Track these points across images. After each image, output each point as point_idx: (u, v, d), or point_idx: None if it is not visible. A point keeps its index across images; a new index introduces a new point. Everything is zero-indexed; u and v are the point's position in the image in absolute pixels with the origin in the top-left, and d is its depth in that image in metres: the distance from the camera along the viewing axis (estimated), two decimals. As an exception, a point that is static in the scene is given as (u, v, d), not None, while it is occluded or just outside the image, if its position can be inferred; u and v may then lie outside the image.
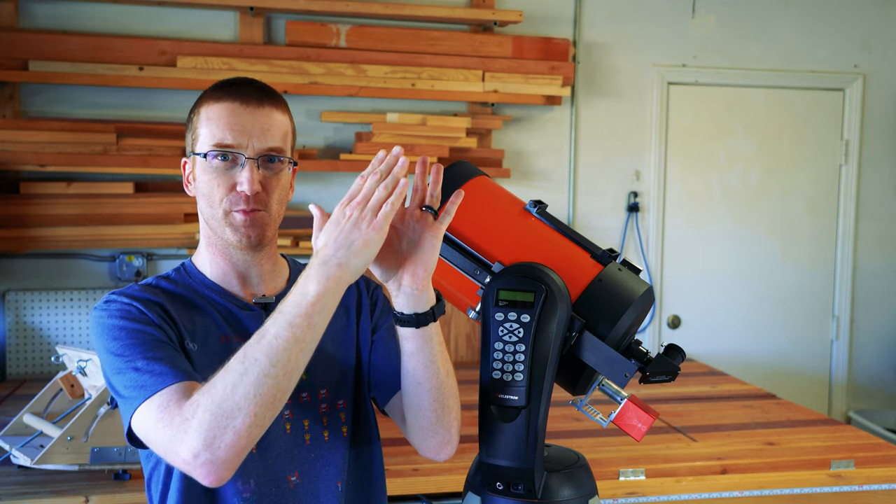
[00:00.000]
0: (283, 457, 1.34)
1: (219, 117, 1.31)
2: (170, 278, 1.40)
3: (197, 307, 1.35)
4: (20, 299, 3.47)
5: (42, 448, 2.15)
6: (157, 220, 3.47)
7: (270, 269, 1.42)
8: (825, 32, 4.20)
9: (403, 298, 1.24)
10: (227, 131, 1.30)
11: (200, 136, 1.33)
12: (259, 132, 1.31)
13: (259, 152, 1.31)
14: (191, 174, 1.38)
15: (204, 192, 1.33)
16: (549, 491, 1.28)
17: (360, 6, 3.57)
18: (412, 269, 1.23)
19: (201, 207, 1.36)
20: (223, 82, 1.36)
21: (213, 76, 3.44)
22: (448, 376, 1.32)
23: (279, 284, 1.43)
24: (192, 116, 1.36)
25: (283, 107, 1.37)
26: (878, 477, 2.45)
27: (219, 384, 1.11)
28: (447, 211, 1.25)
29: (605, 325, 1.26)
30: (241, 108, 1.31)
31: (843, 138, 4.28)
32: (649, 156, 4.08)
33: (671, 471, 2.39)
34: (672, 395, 3.18)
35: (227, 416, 1.09)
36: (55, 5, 3.46)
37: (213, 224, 1.35)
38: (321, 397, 1.38)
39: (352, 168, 3.59)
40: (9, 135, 3.30)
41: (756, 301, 4.24)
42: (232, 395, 1.09)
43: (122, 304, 1.28)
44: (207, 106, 1.33)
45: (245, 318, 1.36)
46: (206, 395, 1.11)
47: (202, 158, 1.32)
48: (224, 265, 1.38)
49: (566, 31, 3.95)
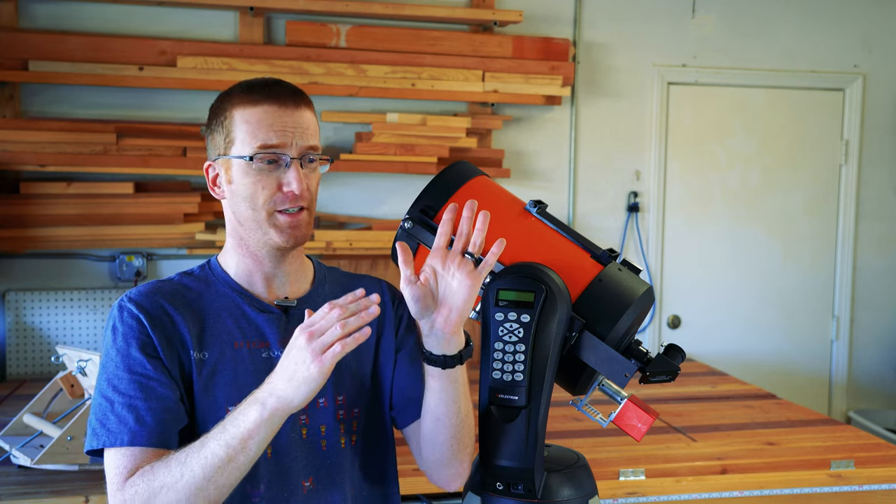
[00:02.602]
0: (298, 462, 1.33)
1: (259, 120, 1.31)
2: (193, 275, 1.40)
3: (212, 312, 1.35)
4: (20, 299, 3.47)
5: (42, 448, 2.15)
6: (157, 220, 3.47)
7: (297, 269, 1.42)
8: (825, 32, 4.20)
9: (434, 340, 1.28)
10: (271, 132, 1.30)
11: (237, 139, 1.32)
12: (300, 132, 1.32)
13: (301, 151, 1.32)
14: (219, 177, 1.37)
15: (245, 195, 1.33)
16: (549, 491, 1.29)
17: (360, 6, 3.57)
18: (446, 312, 1.26)
19: (240, 210, 1.35)
20: (252, 84, 1.36)
21: (213, 76, 3.44)
22: (468, 415, 1.35)
23: (304, 286, 1.42)
24: (223, 119, 1.35)
25: (311, 106, 1.38)
26: (878, 477, 2.45)
27: (157, 479, 1.18)
28: (487, 262, 1.26)
29: (605, 325, 1.26)
30: (280, 109, 1.32)
31: (843, 138, 4.28)
32: (649, 156, 4.08)
33: (671, 471, 2.39)
34: (672, 395, 3.18)
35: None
36: (55, 5, 3.46)
37: (252, 226, 1.34)
38: (338, 404, 1.37)
39: (352, 168, 3.59)
40: (9, 135, 3.30)
41: (756, 301, 4.24)
42: (166, 497, 1.17)
43: (132, 317, 1.29)
44: (242, 108, 1.32)
45: (262, 322, 1.35)
46: (146, 486, 1.18)
47: (243, 161, 1.31)
48: (251, 266, 1.38)
49: (566, 31, 3.95)
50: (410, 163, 3.63)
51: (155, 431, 1.23)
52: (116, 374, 1.27)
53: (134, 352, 1.27)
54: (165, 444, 1.24)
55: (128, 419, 1.23)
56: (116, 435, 1.23)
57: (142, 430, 1.23)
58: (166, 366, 1.28)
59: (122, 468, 1.21)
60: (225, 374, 1.30)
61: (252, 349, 1.33)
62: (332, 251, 3.58)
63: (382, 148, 3.61)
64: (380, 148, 3.61)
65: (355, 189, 3.75)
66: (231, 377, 1.30)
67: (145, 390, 1.25)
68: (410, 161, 3.63)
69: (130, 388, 1.25)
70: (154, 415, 1.24)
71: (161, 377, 1.27)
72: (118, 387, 1.26)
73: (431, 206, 1.35)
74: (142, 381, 1.26)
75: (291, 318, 1.37)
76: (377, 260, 3.69)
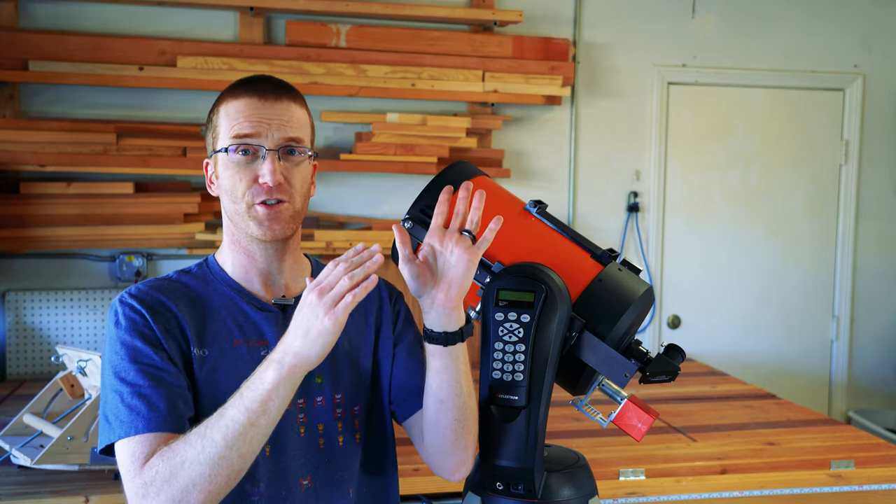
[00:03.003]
0: (297, 460, 1.33)
1: (237, 112, 1.31)
2: (191, 273, 1.40)
3: (211, 310, 1.34)
4: (20, 299, 3.47)
5: (42, 448, 2.15)
6: (157, 220, 3.47)
7: (292, 267, 1.41)
8: (825, 32, 4.20)
9: (435, 315, 1.27)
10: (245, 122, 1.30)
11: (221, 133, 1.33)
12: (278, 123, 1.31)
13: (279, 143, 1.31)
14: (213, 174, 1.38)
15: (227, 188, 1.33)
16: (549, 491, 1.29)
17: (360, 6, 3.57)
18: (446, 287, 1.25)
19: (225, 205, 1.36)
20: (241, 80, 1.36)
21: (213, 76, 3.44)
22: (470, 398, 1.33)
23: (301, 284, 1.42)
24: (212, 116, 1.36)
25: (300, 102, 1.37)
26: (878, 477, 2.45)
27: (178, 455, 1.15)
28: (485, 237, 1.26)
29: (605, 325, 1.26)
30: (259, 101, 1.31)
31: (843, 138, 4.28)
32: (649, 156, 4.08)
33: (671, 471, 2.39)
34: (672, 395, 3.18)
35: (183, 492, 1.14)
36: (55, 5, 3.46)
37: (236, 220, 1.34)
38: (336, 402, 1.37)
39: (352, 168, 3.59)
40: (9, 135, 3.30)
41: (756, 301, 4.24)
42: (188, 471, 1.14)
43: (134, 311, 1.29)
44: (226, 103, 1.34)
45: (261, 321, 1.35)
46: (166, 464, 1.15)
47: (223, 154, 1.32)
48: (246, 263, 1.38)
49: (566, 31, 3.95)
50: (410, 163, 3.63)
51: (169, 417, 1.21)
52: (123, 367, 1.25)
53: (139, 343, 1.26)
54: (179, 430, 1.21)
55: (140, 408, 1.21)
56: (129, 425, 1.20)
57: (156, 416, 1.21)
58: (171, 357, 1.27)
59: (138, 454, 1.18)
60: (224, 372, 1.30)
61: (251, 347, 1.33)
62: (332, 251, 3.58)
63: (382, 148, 3.61)
64: (380, 148, 3.61)
65: (355, 189, 3.75)
66: (230, 375, 1.29)
67: (154, 378, 1.24)
68: (410, 161, 3.63)
69: (139, 378, 1.23)
70: (166, 401, 1.22)
71: (168, 367, 1.26)
72: (126, 378, 1.24)
73: (431, 206, 1.35)
74: (150, 370, 1.24)
75: (290, 317, 1.37)
76: (377, 260, 3.69)
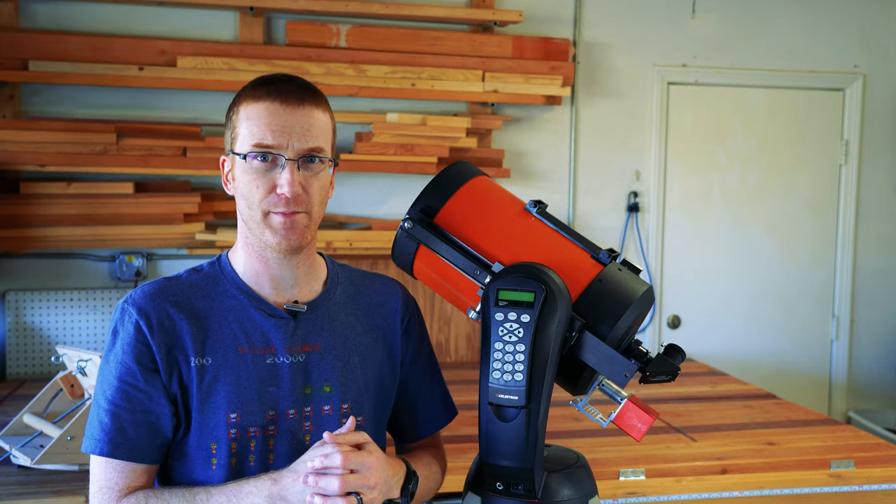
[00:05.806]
0: None
1: (258, 117, 1.29)
2: (202, 272, 1.38)
3: (217, 315, 1.33)
4: (20, 299, 3.47)
5: (42, 448, 2.15)
6: (157, 220, 3.47)
7: (306, 272, 1.39)
8: (825, 32, 4.20)
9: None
10: (267, 131, 1.28)
11: (240, 135, 1.31)
12: (299, 132, 1.29)
13: (299, 153, 1.29)
14: (230, 173, 1.36)
15: (243, 193, 1.31)
16: (549, 491, 1.28)
17: (360, 6, 3.57)
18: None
19: (240, 207, 1.34)
20: (263, 79, 1.33)
21: (213, 76, 3.44)
22: (433, 490, 1.50)
23: (315, 288, 1.40)
24: (231, 114, 1.34)
25: (323, 104, 1.35)
26: (877, 477, 2.45)
27: None
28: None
29: (605, 325, 1.26)
30: (281, 107, 1.29)
31: (843, 138, 4.28)
32: (649, 156, 4.08)
33: (671, 471, 2.39)
34: (672, 395, 3.18)
35: None
36: (55, 5, 3.45)
37: (251, 225, 1.32)
38: (343, 412, 1.36)
39: (352, 168, 3.59)
40: (9, 135, 3.29)
41: (756, 301, 4.24)
42: None
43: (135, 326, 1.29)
44: (247, 104, 1.31)
45: (269, 328, 1.34)
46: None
47: (241, 159, 1.30)
48: (258, 267, 1.36)
49: (566, 31, 3.95)
50: (410, 163, 3.63)
51: (136, 445, 1.26)
52: (108, 381, 1.28)
53: (128, 360, 1.27)
54: (144, 459, 1.26)
55: (110, 428, 1.26)
56: (97, 442, 1.26)
57: (123, 442, 1.25)
58: (161, 377, 1.28)
59: (112, 483, 1.26)
60: (227, 379, 1.29)
61: (256, 355, 1.32)
62: (332, 251, 3.58)
63: (382, 148, 3.61)
64: (380, 148, 3.61)
65: (355, 189, 3.75)
66: (234, 383, 1.29)
67: (131, 401, 1.27)
68: (410, 161, 3.63)
69: (117, 396, 1.27)
70: (136, 428, 1.26)
71: (150, 390, 1.27)
72: (107, 392, 1.28)
73: (431, 206, 1.35)
74: (129, 391, 1.27)
75: (300, 323, 1.35)
76: (377, 260, 3.69)
